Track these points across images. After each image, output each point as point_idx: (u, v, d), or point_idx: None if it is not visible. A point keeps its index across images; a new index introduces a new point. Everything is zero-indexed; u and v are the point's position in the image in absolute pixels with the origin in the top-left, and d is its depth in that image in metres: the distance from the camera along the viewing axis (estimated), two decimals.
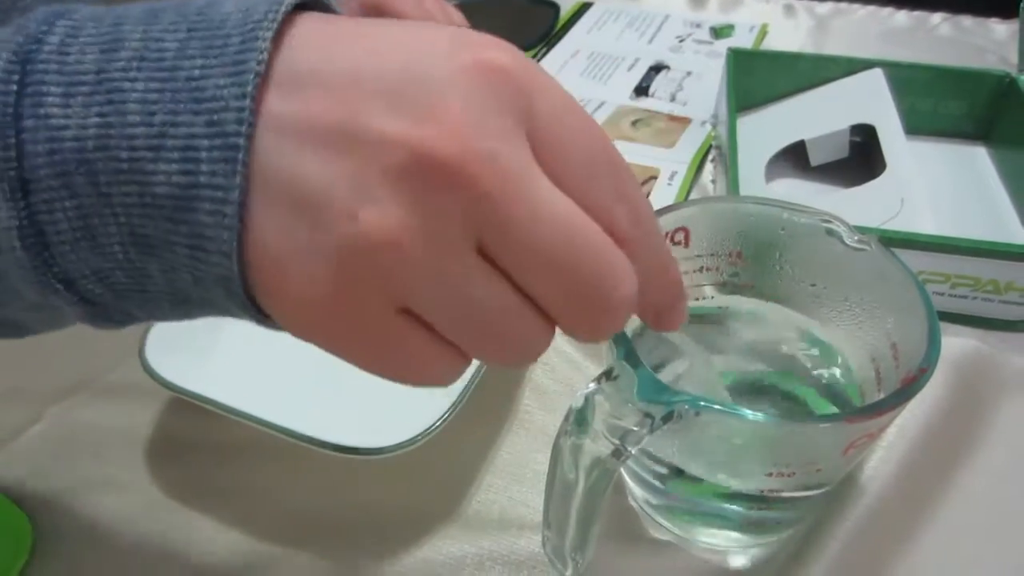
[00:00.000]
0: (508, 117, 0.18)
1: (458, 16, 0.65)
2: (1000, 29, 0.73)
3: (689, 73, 0.68)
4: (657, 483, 0.33)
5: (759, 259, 0.34)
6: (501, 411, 0.41)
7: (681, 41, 0.73)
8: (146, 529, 0.36)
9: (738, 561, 0.34)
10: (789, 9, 0.77)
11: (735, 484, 0.30)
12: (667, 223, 0.32)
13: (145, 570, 0.35)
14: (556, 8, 0.78)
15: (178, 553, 0.35)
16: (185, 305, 0.21)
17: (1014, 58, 0.60)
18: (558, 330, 0.21)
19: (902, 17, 0.76)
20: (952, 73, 0.56)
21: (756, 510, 0.31)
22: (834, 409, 0.32)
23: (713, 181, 0.56)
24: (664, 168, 0.56)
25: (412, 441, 0.33)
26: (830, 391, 0.33)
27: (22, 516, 0.35)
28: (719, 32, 0.74)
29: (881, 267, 0.30)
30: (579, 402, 0.26)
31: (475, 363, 0.36)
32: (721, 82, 0.60)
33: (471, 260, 0.19)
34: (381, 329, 0.20)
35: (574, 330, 0.20)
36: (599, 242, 0.19)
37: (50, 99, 0.18)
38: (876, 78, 0.55)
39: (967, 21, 0.74)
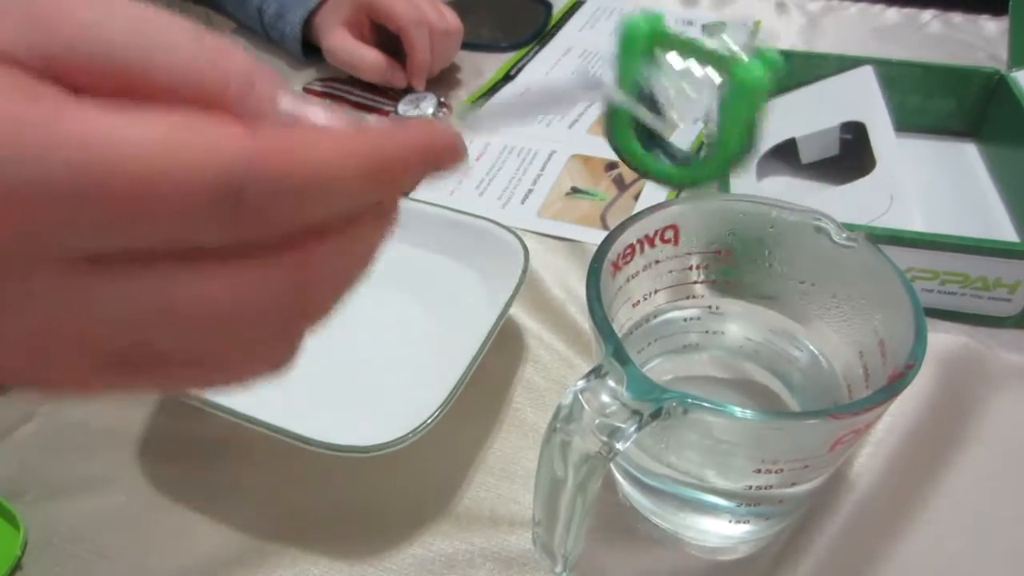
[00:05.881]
0: None
1: (450, 14, 0.65)
2: (990, 26, 0.73)
3: None
4: (646, 479, 0.33)
5: (748, 257, 0.34)
6: (492, 409, 0.41)
7: None
8: (137, 528, 0.36)
9: (727, 557, 0.34)
10: (781, 6, 0.78)
11: (723, 480, 0.30)
12: (657, 221, 0.32)
13: (136, 569, 0.35)
14: (549, 6, 0.78)
15: (169, 550, 0.35)
16: None
17: (1004, 55, 0.60)
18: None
19: (893, 14, 0.76)
20: (942, 70, 0.56)
21: (745, 506, 0.31)
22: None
23: None
24: None
25: (403, 439, 0.33)
26: (817, 388, 0.34)
27: (14, 514, 0.35)
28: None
29: (868, 264, 0.30)
30: (568, 399, 0.26)
31: (466, 361, 0.36)
32: None
33: None
34: None
35: None
36: None
37: None
38: (866, 75, 0.55)
39: (957, 18, 0.75)
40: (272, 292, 0.17)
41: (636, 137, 0.26)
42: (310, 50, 0.68)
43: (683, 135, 0.25)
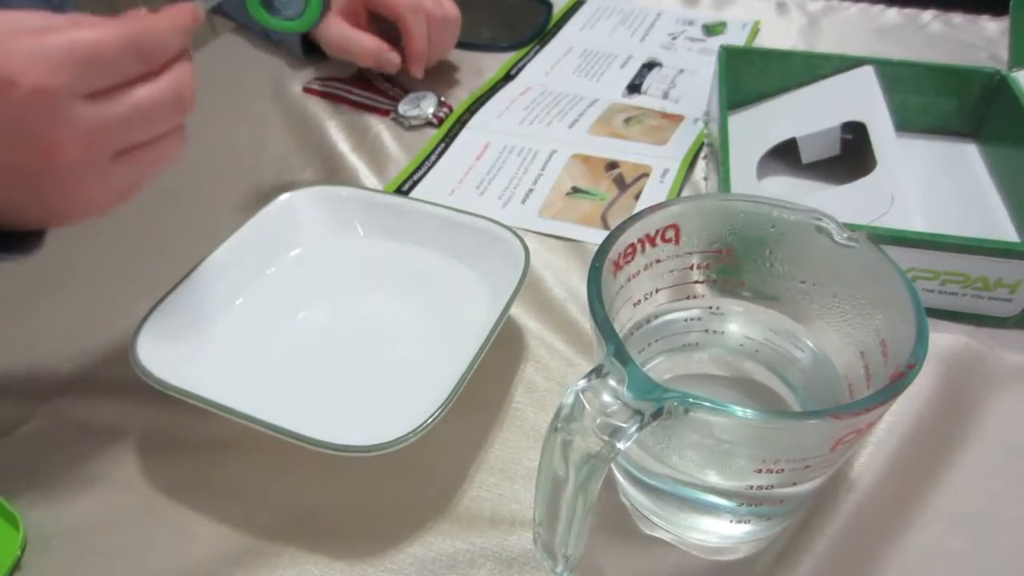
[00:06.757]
0: None
1: (448, 1, 0.64)
2: (991, 26, 0.73)
3: (681, 70, 0.68)
4: (647, 479, 0.33)
5: (749, 256, 0.34)
6: (492, 408, 0.41)
7: (674, 38, 0.73)
8: (137, 526, 0.36)
9: (728, 557, 0.34)
10: (781, 7, 0.78)
11: (724, 480, 0.30)
12: (658, 220, 0.32)
13: (136, 568, 0.35)
14: (549, 6, 0.78)
15: (168, 550, 0.35)
16: None
17: (1004, 55, 0.60)
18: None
19: (893, 14, 0.76)
20: (942, 70, 0.56)
21: (746, 506, 0.31)
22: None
23: (705, 178, 0.56)
24: (656, 165, 0.56)
25: (404, 439, 0.33)
26: (818, 388, 0.34)
27: (13, 514, 0.35)
28: (711, 29, 0.74)
29: (870, 264, 0.30)
30: (569, 399, 0.26)
31: (467, 362, 0.36)
32: (713, 79, 0.60)
33: None
34: None
35: None
36: None
37: None
38: (867, 75, 0.55)
39: (958, 18, 0.75)
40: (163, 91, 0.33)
41: (261, 4, 0.43)
42: (310, 48, 0.68)
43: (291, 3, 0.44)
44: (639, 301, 0.34)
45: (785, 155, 0.55)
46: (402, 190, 0.55)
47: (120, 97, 0.31)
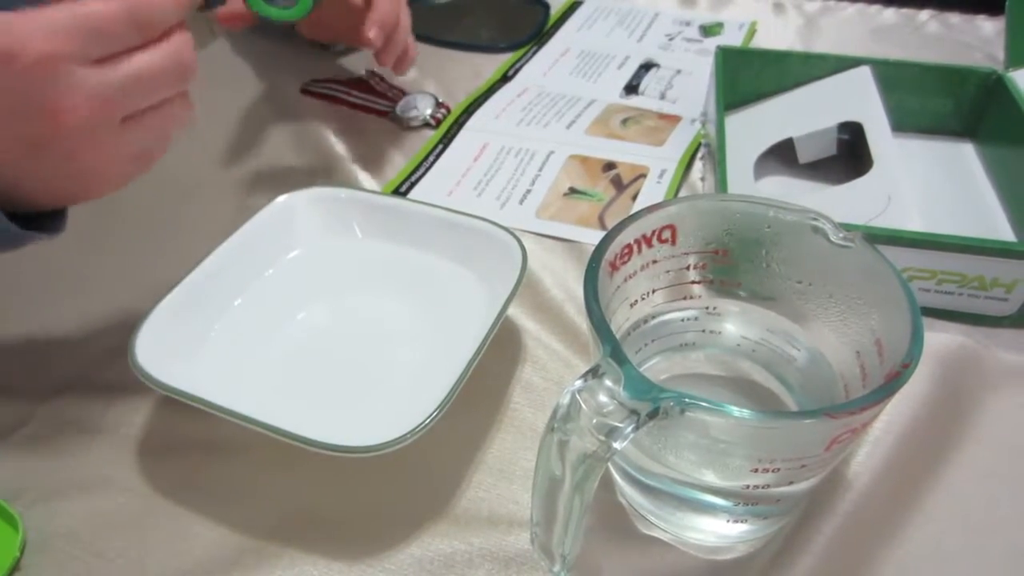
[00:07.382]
0: None
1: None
2: (987, 26, 0.73)
3: (679, 71, 0.68)
4: (644, 479, 0.33)
5: (746, 257, 0.34)
6: (490, 409, 0.41)
7: (671, 39, 0.73)
8: (136, 528, 0.36)
9: (725, 556, 0.34)
10: (778, 7, 0.78)
11: (721, 480, 0.30)
12: (655, 221, 0.33)
13: (135, 568, 0.35)
14: (547, 7, 0.78)
15: (168, 551, 0.35)
16: None
17: (1001, 55, 0.60)
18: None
19: (890, 15, 0.76)
20: (939, 70, 0.56)
21: (742, 505, 0.31)
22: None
23: (702, 179, 0.56)
24: (653, 166, 0.57)
25: (401, 439, 0.33)
26: (814, 387, 0.34)
27: (13, 515, 0.35)
28: (708, 30, 0.74)
29: (865, 264, 0.30)
30: (566, 399, 0.26)
31: (465, 361, 0.37)
32: (710, 80, 0.60)
33: None
34: None
35: None
36: None
37: None
38: (864, 76, 0.55)
39: (954, 18, 0.75)
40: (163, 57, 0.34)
41: None
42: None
43: None
44: (636, 301, 0.34)
45: (782, 155, 0.55)
46: (400, 191, 0.56)
47: (122, 63, 0.33)
